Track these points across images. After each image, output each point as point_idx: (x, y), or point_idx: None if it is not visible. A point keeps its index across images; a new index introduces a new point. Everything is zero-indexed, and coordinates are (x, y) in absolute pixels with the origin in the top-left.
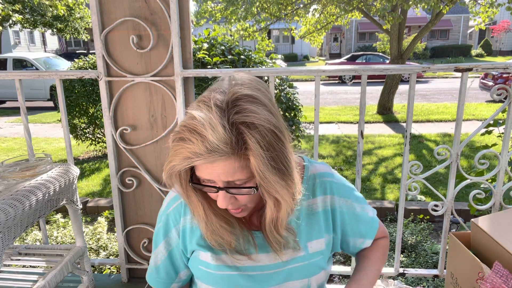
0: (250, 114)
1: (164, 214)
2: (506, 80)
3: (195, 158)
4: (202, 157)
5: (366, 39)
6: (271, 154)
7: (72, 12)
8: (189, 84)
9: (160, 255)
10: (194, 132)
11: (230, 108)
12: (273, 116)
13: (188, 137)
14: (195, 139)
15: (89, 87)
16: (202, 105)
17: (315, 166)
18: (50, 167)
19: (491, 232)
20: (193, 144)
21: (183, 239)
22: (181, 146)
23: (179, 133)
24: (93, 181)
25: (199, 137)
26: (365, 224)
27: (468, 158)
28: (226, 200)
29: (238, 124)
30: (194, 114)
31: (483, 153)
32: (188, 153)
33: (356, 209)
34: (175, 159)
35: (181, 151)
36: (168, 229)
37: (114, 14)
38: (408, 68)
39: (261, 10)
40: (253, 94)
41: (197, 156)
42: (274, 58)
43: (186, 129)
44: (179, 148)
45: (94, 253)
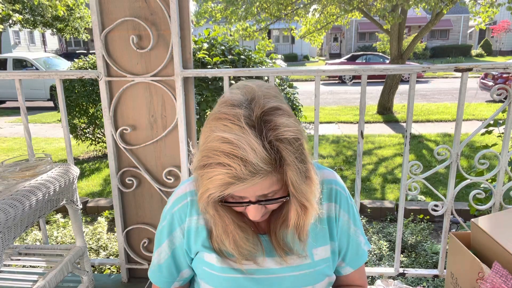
0: (283, 129)
1: (169, 213)
2: (506, 80)
3: (237, 183)
4: (246, 182)
5: (366, 39)
6: (303, 164)
7: (72, 12)
8: (189, 84)
9: (163, 253)
10: (234, 156)
11: (263, 125)
12: (297, 123)
13: (226, 162)
14: (236, 164)
15: (89, 87)
16: (231, 125)
17: (323, 172)
18: (50, 167)
19: (491, 232)
20: (234, 169)
21: (187, 239)
22: (219, 172)
23: (212, 158)
24: (93, 181)
25: (240, 162)
26: (352, 250)
27: (468, 158)
28: (259, 212)
29: (275, 141)
30: (227, 136)
31: (483, 153)
32: (229, 179)
33: (351, 229)
34: (212, 186)
35: (219, 178)
36: (173, 228)
37: (114, 14)
38: (408, 68)
39: (261, 10)
40: (277, 105)
41: (241, 181)
42: (274, 58)
43: (223, 154)
44: (216, 174)
45: (94, 253)
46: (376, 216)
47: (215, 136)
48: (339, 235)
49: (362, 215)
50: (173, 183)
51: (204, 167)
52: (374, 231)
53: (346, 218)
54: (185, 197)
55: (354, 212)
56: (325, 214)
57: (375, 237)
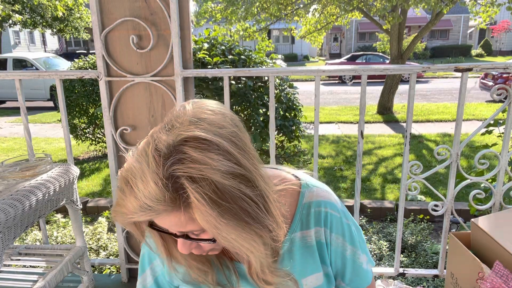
0: (194, 166)
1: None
2: (506, 80)
3: (130, 215)
4: (137, 215)
5: (366, 39)
6: (223, 208)
7: (72, 12)
8: (189, 84)
9: (148, 279)
10: (128, 184)
11: (172, 155)
12: (232, 162)
13: (123, 188)
14: (128, 194)
15: (89, 87)
16: (143, 146)
17: (312, 192)
18: (50, 167)
19: (491, 232)
20: (127, 200)
21: (167, 270)
22: (119, 197)
23: (119, 180)
24: (93, 181)
25: (132, 192)
26: (351, 271)
27: (468, 158)
28: (186, 247)
29: (178, 177)
30: (131, 161)
31: (483, 153)
32: (122, 209)
33: (347, 252)
34: (114, 210)
35: (119, 204)
36: (152, 257)
37: (114, 14)
38: (408, 68)
39: (261, 10)
40: (206, 136)
41: (132, 214)
42: (274, 58)
43: (123, 179)
44: (117, 199)
45: (94, 253)
46: (376, 216)
47: (131, 155)
48: (333, 259)
49: (362, 215)
50: None
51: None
52: (374, 231)
53: (341, 241)
54: None
55: (350, 232)
56: (314, 239)
57: (375, 237)
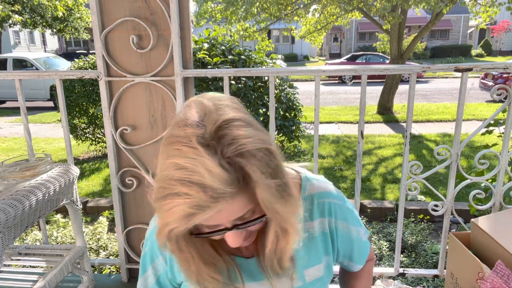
0: (242, 141)
1: (150, 239)
2: (506, 80)
3: (200, 213)
4: (209, 209)
5: (366, 39)
6: (275, 180)
7: (72, 12)
8: (189, 84)
9: (149, 279)
10: (190, 183)
11: (218, 141)
12: (262, 133)
13: (183, 191)
14: (194, 191)
15: (89, 87)
16: (183, 147)
17: (313, 185)
18: (50, 167)
19: (491, 232)
20: (193, 198)
21: (171, 268)
22: (176, 203)
23: (167, 189)
24: (93, 181)
25: (198, 188)
26: (358, 250)
27: (468, 158)
28: (238, 238)
29: (235, 157)
30: (180, 162)
31: (483, 153)
32: (189, 209)
33: (352, 233)
34: (171, 220)
35: (178, 209)
36: (155, 256)
37: (114, 14)
38: (408, 68)
39: (261, 10)
40: (234, 115)
41: (203, 210)
42: (274, 58)
43: (178, 182)
44: (174, 206)
45: (94, 253)
46: (376, 216)
47: (168, 164)
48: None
49: (362, 215)
50: None
51: (161, 199)
52: (374, 231)
53: (345, 226)
54: None
55: (352, 213)
56: (317, 230)
57: (375, 237)
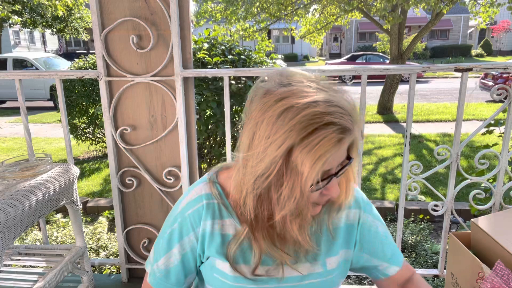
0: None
1: (181, 216)
2: (506, 80)
3: (345, 137)
4: (352, 132)
5: (366, 39)
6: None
7: (72, 12)
8: (189, 84)
9: (173, 258)
10: (336, 112)
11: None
12: None
13: (330, 120)
14: (339, 116)
15: (89, 87)
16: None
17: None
18: (50, 167)
19: (491, 232)
20: (341, 121)
21: (202, 244)
22: (324, 133)
23: (312, 124)
24: (93, 181)
25: (342, 112)
26: (389, 248)
27: (468, 158)
28: (337, 186)
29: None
30: (317, 98)
31: (483, 153)
32: (339, 135)
33: (379, 228)
34: (323, 152)
35: (330, 137)
36: (186, 232)
37: (114, 14)
38: (408, 68)
39: (261, 10)
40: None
41: (348, 133)
42: (274, 58)
43: (323, 114)
44: (324, 136)
45: (94, 253)
46: None
47: (299, 107)
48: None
49: None
50: (173, 183)
51: (307, 137)
52: None
53: (371, 219)
54: (199, 200)
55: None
56: (343, 221)
57: None
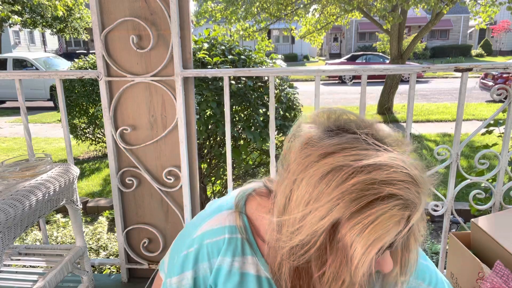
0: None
1: (199, 242)
2: (506, 80)
3: (412, 214)
4: (418, 206)
5: (366, 39)
6: None
7: (72, 12)
8: (189, 84)
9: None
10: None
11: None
12: None
13: (390, 191)
14: (402, 187)
15: (89, 87)
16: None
17: None
18: (50, 167)
19: (491, 232)
20: (403, 194)
21: (215, 278)
22: (383, 209)
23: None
24: (93, 181)
25: (406, 180)
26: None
27: (468, 158)
28: (391, 260)
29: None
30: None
31: (483, 153)
32: (401, 211)
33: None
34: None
35: (390, 214)
36: (201, 260)
37: (114, 14)
38: (408, 68)
39: (261, 10)
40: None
41: (414, 209)
42: (274, 58)
43: (380, 184)
44: (382, 213)
45: (94, 253)
46: None
47: (350, 171)
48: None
49: None
50: (173, 183)
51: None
52: None
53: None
54: (222, 232)
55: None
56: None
57: None
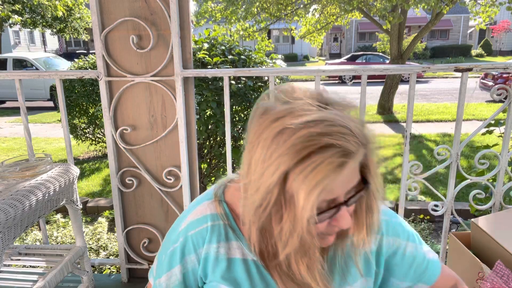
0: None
1: (184, 235)
2: (506, 80)
3: (350, 161)
4: (356, 156)
5: (366, 39)
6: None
7: (72, 12)
8: (189, 84)
9: (173, 278)
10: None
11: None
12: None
13: (330, 141)
14: (341, 138)
15: (89, 87)
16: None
17: None
18: (50, 167)
19: (491, 232)
20: (343, 143)
21: (204, 267)
22: (323, 156)
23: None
24: (93, 181)
25: (345, 132)
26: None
27: (468, 158)
28: (349, 217)
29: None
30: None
31: (483, 153)
32: (339, 159)
33: (408, 248)
34: (320, 178)
35: (328, 161)
36: (187, 252)
37: (114, 14)
38: (408, 68)
39: (261, 10)
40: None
41: (353, 157)
42: (274, 58)
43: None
44: (322, 161)
45: (94, 253)
46: None
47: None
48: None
49: None
50: (173, 183)
51: (302, 161)
52: None
53: (397, 241)
54: (204, 221)
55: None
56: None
57: None
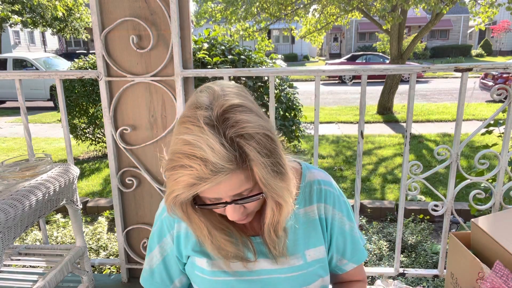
0: (243, 125)
1: (159, 219)
2: (506, 80)
3: (201, 184)
4: (209, 181)
5: (366, 39)
6: (270, 159)
7: (72, 12)
8: (189, 84)
9: (154, 259)
10: (194, 157)
11: (222, 123)
12: (263, 120)
13: (187, 163)
14: (196, 165)
15: (89, 87)
16: (191, 126)
17: (312, 173)
18: (50, 167)
19: (491, 232)
20: (195, 170)
21: (177, 245)
22: (182, 173)
23: (175, 161)
24: (93, 181)
25: (200, 162)
26: (352, 246)
27: (468, 158)
28: (237, 212)
29: (235, 138)
30: (187, 138)
31: (483, 153)
32: (191, 180)
33: (346, 226)
34: (176, 188)
35: (183, 179)
36: (163, 234)
37: (114, 14)
38: (408, 68)
39: (261, 10)
40: (239, 102)
41: (203, 181)
42: (274, 58)
43: (184, 156)
44: (179, 176)
45: (94, 253)
46: (376, 216)
47: (178, 140)
48: (335, 234)
49: (362, 215)
50: None
51: (169, 170)
52: (374, 231)
53: (340, 216)
54: None
55: (348, 209)
56: (316, 214)
57: (375, 237)
